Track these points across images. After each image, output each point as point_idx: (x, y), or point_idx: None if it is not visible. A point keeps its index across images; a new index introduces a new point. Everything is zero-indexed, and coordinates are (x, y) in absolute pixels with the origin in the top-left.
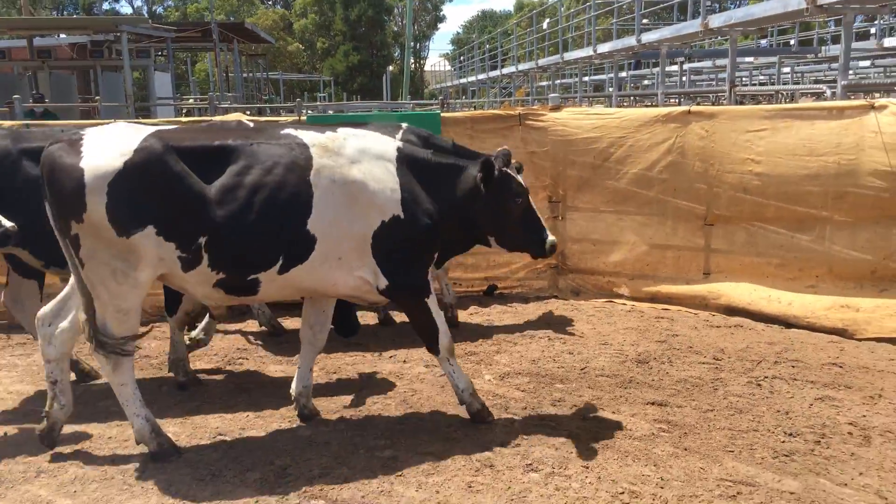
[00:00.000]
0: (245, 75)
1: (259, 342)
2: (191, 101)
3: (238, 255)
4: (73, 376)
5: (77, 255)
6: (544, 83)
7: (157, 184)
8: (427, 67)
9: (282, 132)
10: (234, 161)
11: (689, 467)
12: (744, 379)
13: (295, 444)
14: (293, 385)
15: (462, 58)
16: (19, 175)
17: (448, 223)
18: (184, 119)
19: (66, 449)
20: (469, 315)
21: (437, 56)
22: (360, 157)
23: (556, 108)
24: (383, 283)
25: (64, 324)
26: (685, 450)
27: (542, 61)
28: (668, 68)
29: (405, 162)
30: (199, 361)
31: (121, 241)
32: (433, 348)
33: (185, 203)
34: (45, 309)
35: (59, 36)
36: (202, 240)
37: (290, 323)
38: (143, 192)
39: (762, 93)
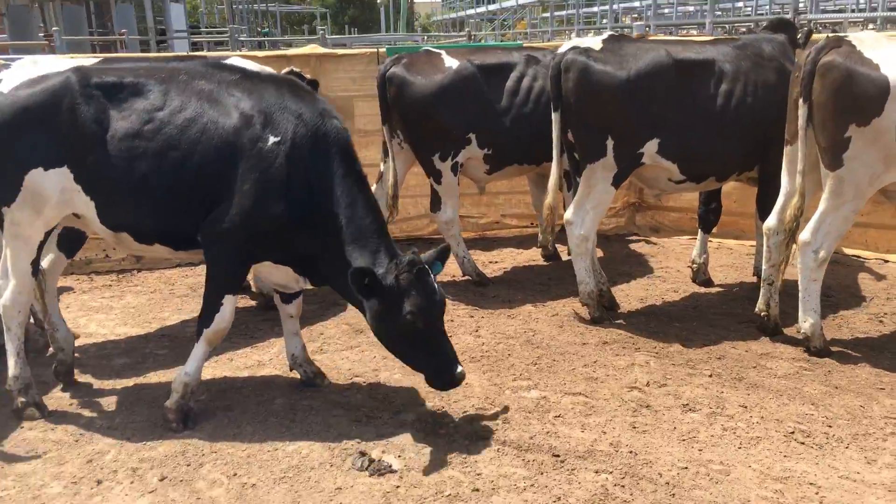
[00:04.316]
0: (238, 6)
1: None
2: (203, 35)
3: None
4: None
5: (839, 154)
6: (545, 14)
7: None
8: None
9: None
10: None
11: (848, 405)
12: (863, 316)
13: None
14: None
15: None
16: (680, 90)
17: None
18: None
19: (216, 389)
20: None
21: None
22: None
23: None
24: None
25: (780, 237)
26: (836, 388)
27: None
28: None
29: None
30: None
31: (891, 147)
32: None
33: None
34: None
35: None
36: None
37: None
38: None
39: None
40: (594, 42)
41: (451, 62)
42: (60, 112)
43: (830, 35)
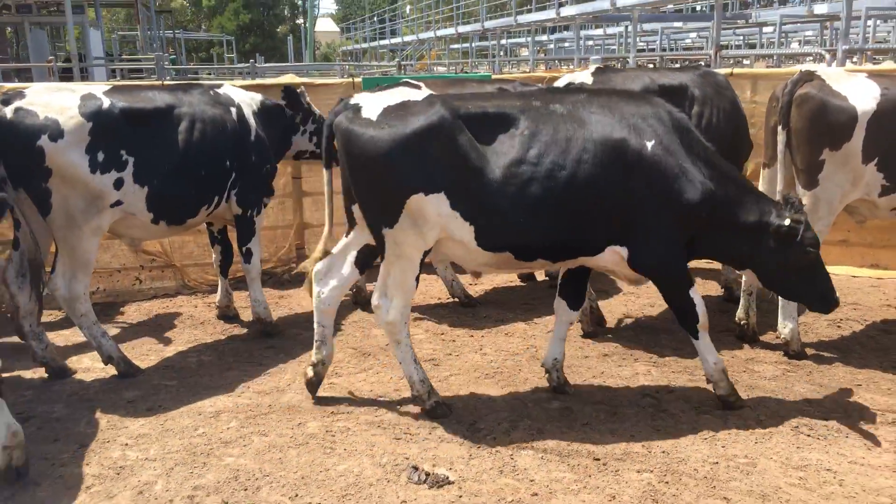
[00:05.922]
0: (145, 33)
1: None
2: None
3: None
4: None
5: (814, 175)
6: (455, 46)
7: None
8: (318, 28)
9: None
10: None
11: (837, 401)
12: (822, 322)
13: (464, 402)
14: None
15: (352, 22)
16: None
17: None
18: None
19: (244, 416)
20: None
21: (326, 15)
22: None
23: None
24: None
25: None
26: (821, 386)
27: (489, 24)
28: (582, 32)
29: None
30: (306, 330)
31: (858, 168)
32: None
33: None
34: None
35: None
36: None
37: None
38: (883, 130)
39: (739, 56)
40: (585, 76)
41: None
42: (439, 142)
43: (802, 69)
